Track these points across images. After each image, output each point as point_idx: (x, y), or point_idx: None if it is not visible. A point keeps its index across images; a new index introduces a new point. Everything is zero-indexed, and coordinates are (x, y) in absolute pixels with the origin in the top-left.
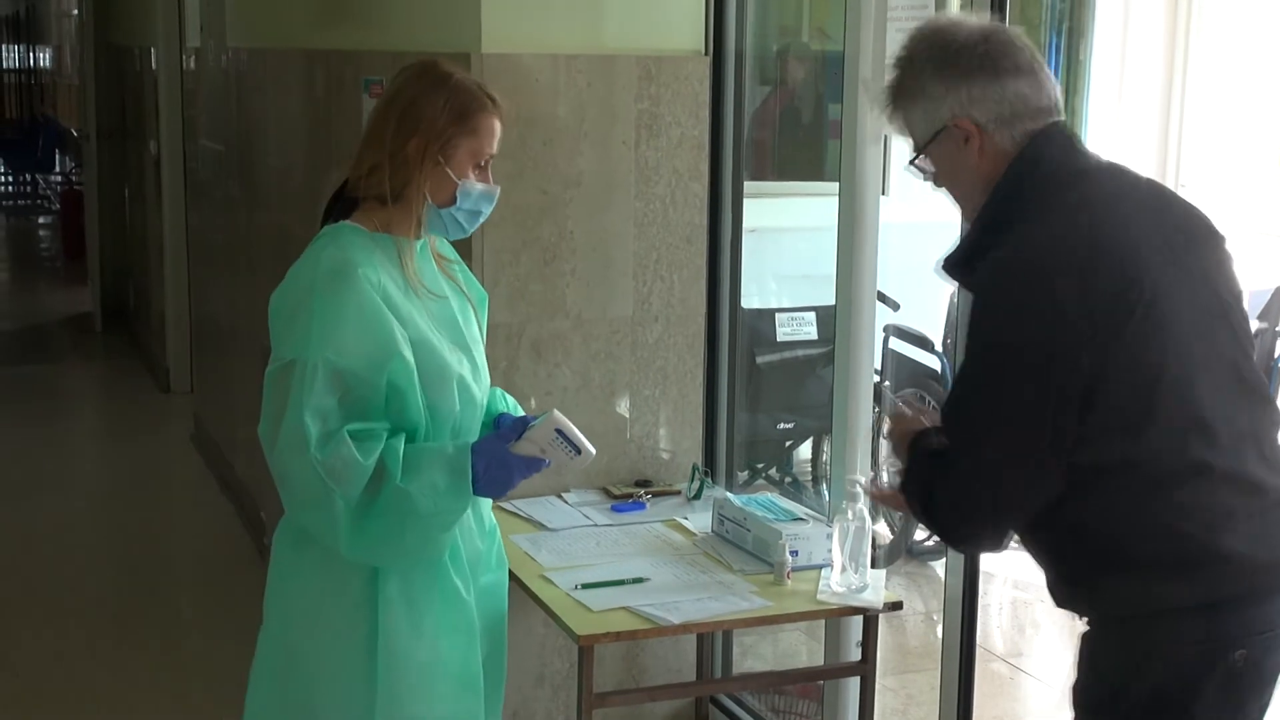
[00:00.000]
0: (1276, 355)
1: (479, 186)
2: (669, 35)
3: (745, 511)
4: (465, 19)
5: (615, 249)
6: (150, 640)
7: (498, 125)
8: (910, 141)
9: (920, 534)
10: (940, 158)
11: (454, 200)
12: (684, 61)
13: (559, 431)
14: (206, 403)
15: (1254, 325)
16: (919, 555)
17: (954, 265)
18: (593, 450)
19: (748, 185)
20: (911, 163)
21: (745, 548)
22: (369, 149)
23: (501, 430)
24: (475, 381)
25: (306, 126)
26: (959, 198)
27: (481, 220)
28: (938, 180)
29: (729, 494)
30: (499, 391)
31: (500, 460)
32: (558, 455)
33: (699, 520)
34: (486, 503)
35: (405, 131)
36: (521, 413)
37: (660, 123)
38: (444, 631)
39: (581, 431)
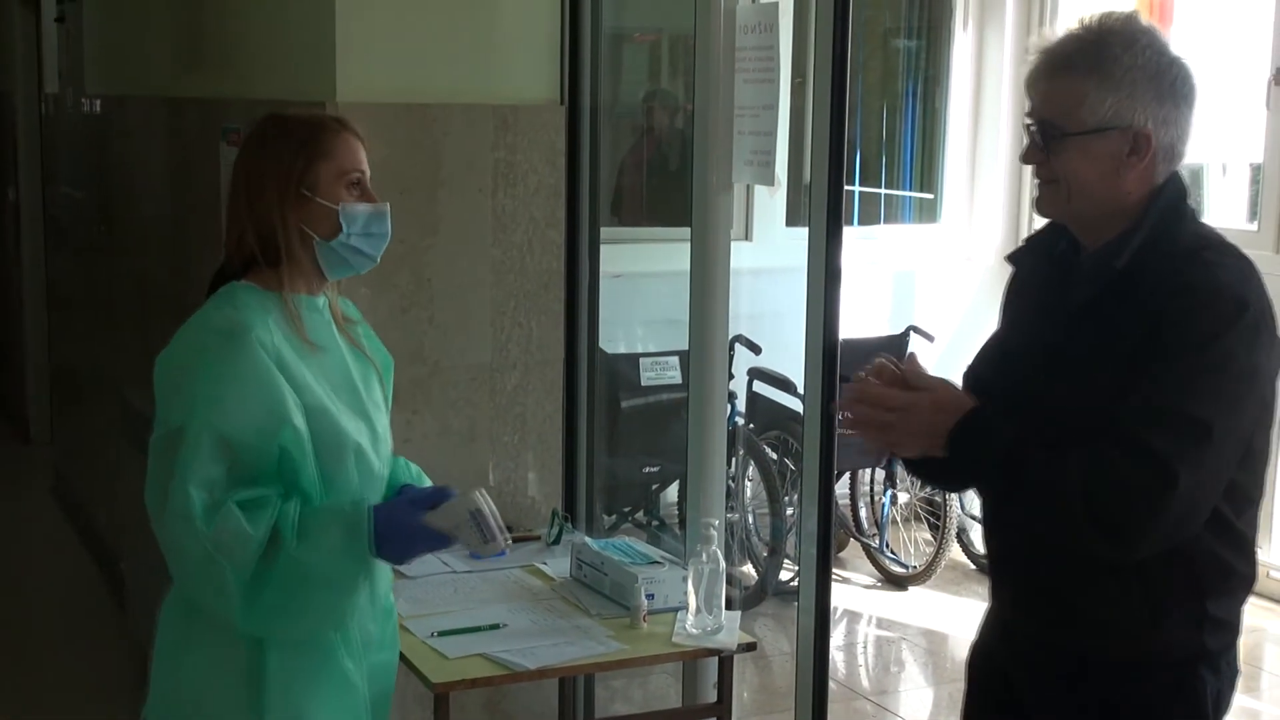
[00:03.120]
0: None
1: (362, 206)
2: (525, 85)
3: (602, 556)
4: (321, 67)
5: (473, 296)
6: (4, 695)
7: (355, 143)
8: (1050, 109)
9: (785, 574)
10: (1089, 151)
11: (340, 228)
12: (540, 111)
13: (474, 515)
14: (67, 453)
15: None
16: (783, 596)
17: (1106, 265)
18: (504, 546)
19: (616, 231)
20: (1061, 135)
21: (603, 592)
22: (232, 219)
23: (414, 496)
24: (375, 451)
25: (167, 173)
26: (1073, 193)
27: (383, 244)
28: (1057, 167)
29: (587, 538)
30: (403, 461)
31: (407, 527)
32: (467, 537)
33: (558, 565)
34: (386, 581)
35: (257, 184)
36: (427, 483)
37: (517, 171)
38: (332, 716)
39: (457, 489)
